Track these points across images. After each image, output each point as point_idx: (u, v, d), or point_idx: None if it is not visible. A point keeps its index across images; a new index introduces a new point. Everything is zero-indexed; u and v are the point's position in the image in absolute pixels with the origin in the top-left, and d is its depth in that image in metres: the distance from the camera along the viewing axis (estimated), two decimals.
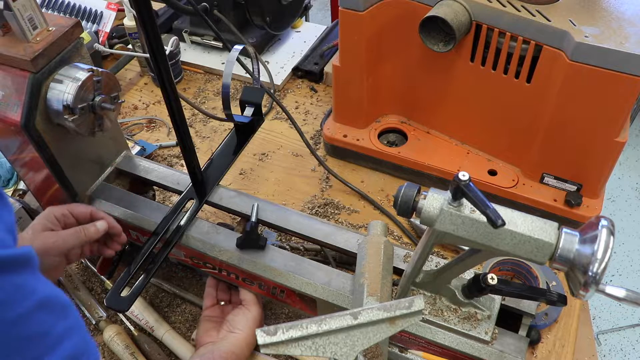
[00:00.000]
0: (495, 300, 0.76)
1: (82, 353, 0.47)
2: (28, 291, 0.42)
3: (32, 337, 0.42)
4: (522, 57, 0.93)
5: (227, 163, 0.97)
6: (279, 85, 1.42)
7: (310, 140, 1.28)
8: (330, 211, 1.13)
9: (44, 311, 0.43)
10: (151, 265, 0.83)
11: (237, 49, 0.88)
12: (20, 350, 0.41)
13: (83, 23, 1.48)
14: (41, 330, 0.43)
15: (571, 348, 0.92)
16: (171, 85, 0.76)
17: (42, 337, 0.43)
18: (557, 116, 0.94)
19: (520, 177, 1.08)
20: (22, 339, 0.42)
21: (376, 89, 1.15)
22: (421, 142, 1.17)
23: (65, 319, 0.46)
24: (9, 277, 0.41)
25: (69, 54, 0.80)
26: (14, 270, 0.41)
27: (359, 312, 0.56)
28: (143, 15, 0.66)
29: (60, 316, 0.45)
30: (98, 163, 0.96)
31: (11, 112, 0.76)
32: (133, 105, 1.40)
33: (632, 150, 2.76)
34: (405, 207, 0.65)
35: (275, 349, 0.53)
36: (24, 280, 0.42)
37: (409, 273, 0.74)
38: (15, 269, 0.41)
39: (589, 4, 0.91)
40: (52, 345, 0.44)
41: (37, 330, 0.43)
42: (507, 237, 0.60)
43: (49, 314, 0.44)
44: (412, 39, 0.99)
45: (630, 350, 2.09)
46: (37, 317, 0.43)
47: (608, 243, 0.55)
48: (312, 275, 0.82)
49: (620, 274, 2.29)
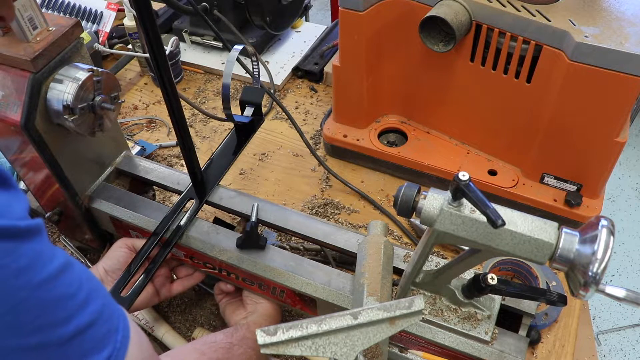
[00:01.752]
0: (495, 300, 0.76)
1: (109, 312, 0.49)
2: (48, 257, 0.44)
3: (60, 299, 0.44)
4: (522, 57, 0.93)
5: (227, 163, 0.97)
6: (279, 85, 1.42)
7: (310, 140, 1.28)
8: (330, 211, 1.13)
9: (67, 274, 0.45)
10: (151, 265, 0.83)
11: (237, 49, 0.88)
12: (50, 312, 0.43)
13: (83, 23, 1.48)
14: (67, 292, 0.45)
15: (571, 348, 0.92)
16: (171, 85, 0.76)
17: (69, 299, 0.45)
18: (557, 116, 0.94)
19: (520, 177, 1.08)
20: (51, 301, 0.43)
21: (376, 89, 1.15)
22: (421, 142, 1.17)
23: (88, 281, 0.48)
24: (28, 244, 0.42)
25: (69, 54, 0.80)
26: (32, 238, 0.43)
27: (359, 312, 0.56)
28: (143, 15, 0.66)
29: (82, 278, 0.47)
30: (98, 163, 0.96)
31: (11, 112, 0.76)
32: (133, 105, 1.40)
33: (632, 150, 2.76)
34: (405, 207, 0.65)
35: (275, 349, 0.53)
36: (42, 247, 0.44)
37: (409, 273, 0.74)
38: (32, 237, 0.43)
39: (589, 4, 0.91)
40: (80, 304, 0.45)
41: (63, 292, 0.45)
42: (507, 237, 0.60)
43: (72, 276, 0.46)
44: (412, 39, 0.99)
45: (630, 350, 2.09)
46: (62, 280, 0.45)
47: (608, 243, 0.55)
48: (312, 275, 0.82)
49: (620, 274, 2.29)
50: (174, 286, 0.92)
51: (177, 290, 0.92)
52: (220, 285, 0.92)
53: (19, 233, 0.42)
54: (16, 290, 0.41)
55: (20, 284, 0.41)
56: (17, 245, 0.42)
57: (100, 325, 0.47)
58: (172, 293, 0.92)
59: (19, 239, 0.42)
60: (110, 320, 0.49)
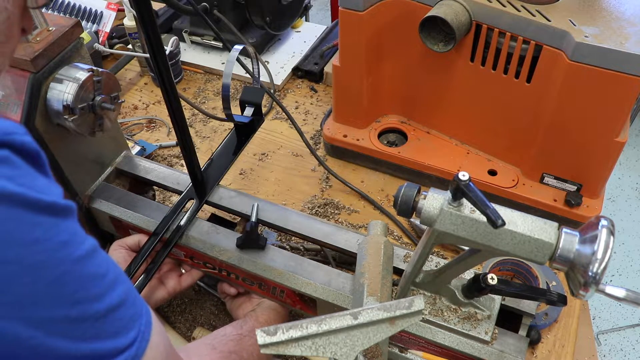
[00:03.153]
0: (495, 300, 0.76)
1: (133, 297, 0.51)
2: (82, 237, 0.46)
3: (94, 277, 0.46)
4: (522, 57, 0.93)
5: (227, 163, 0.97)
6: (279, 85, 1.42)
7: (310, 140, 1.28)
8: (330, 211, 1.13)
9: (97, 256, 0.48)
10: (151, 265, 0.83)
11: (237, 49, 0.88)
12: (87, 287, 0.45)
13: (83, 23, 1.48)
14: (100, 271, 0.47)
15: (571, 348, 0.92)
16: (171, 85, 0.76)
17: (102, 277, 0.47)
18: (557, 116, 0.94)
19: (520, 177, 1.08)
20: (87, 277, 0.46)
21: (376, 89, 1.15)
22: (421, 142, 1.17)
23: (114, 267, 0.50)
24: (66, 222, 0.45)
25: (69, 54, 0.80)
26: (68, 217, 0.45)
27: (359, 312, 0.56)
28: (143, 15, 0.66)
29: (109, 262, 0.50)
30: (98, 163, 0.96)
31: (11, 112, 0.76)
32: (133, 105, 1.40)
33: (632, 150, 2.76)
34: (405, 207, 0.65)
35: (275, 349, 0.53)
36: (77, 227, 0.46)
37: (409, 273, 0.74)
38: (68, 216, 0.45)
39: (589, 4, 0.91)
40: (110, 285, 0.48)
41: (97, 270, 0.47)
42: (507, 237, 0.60)
43: (101, 259, 0.48)
44: (412, 39, 0.99)
45: (630, 350, 2.09)
46: (95, 260, 0.47)
47: (608, 243, 0.55)
48: (312, 275, 0.82)
49: (620, 274, 2.29)
50: (183, 277, 0.93)
51: (186, 282, 0.92)
52: (224, 287, 0.92)
53: (60, 210, 0.44)
54: (59, 263, 0.43)
55: (62, 256, 0.44)
56: (58, 220, 0.44)
57: (128, 308, 0.50)
58: (183, 285, 0.92)
59: (60, 215, 0.44)
60: (135, 305, 0.51)
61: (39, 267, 0.42)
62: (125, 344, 0.48)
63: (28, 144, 0.43)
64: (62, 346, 0.44)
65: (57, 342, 0.43)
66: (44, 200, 0.43)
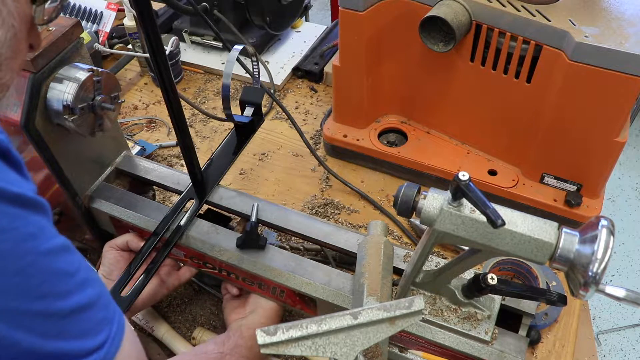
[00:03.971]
0: (495, 300, 0.76)
1: (105, 301, 0.50)
2: (51, 233, 0.46)
3: (62, 274, 0.46)
4: (522, 57, 0.93)
5: (227, 163, 0.97)
6: (279, 85, 1.42)
7: (310, 140, 1.28)
8: (330, 211, 1.13)
9: (68, 254, 0.47)
10: (151, 265, 0.83)
11: (237, 49, 0.88)
12: (53, 282, 0.45)
13: (83, 23, 1.48)
14: (69, 269, 0.47)
15: (571, 348, 0.92)
16: (171, 85, 0.76)
17: (70, 276, 0.47)
18: (557, 116, 0.94)
19: (520, 177, 1.08)
20: (54, 272, 0.45)
21: (376, 89, 1.15)
22: (421, 142, 1.17)
23: (87, 270, 0.49)
24: (36, 215, 0.45)
25: (69, 54, 0.80)
26: (38, 212, 0.45)
27: (359, 312, 0.56)
28: (143, 15, 0.66)
29: (82, 264, 0.49)
30: (98, 163, 0.96)
31: (11, 112, 0.76)
32: (133, 105, 1.40)
33: (632, 150, 2.76)
34: (405, 207, 0.65)
35: (275, 349, 0.53)
36: (46, 223, 0.46)
37: (409, 273, 0.74)
38: (38, 210, 0.45)
39: (589, 4, 0.91)
40: (79, 285, 0.47)
41: (65, 268, 0.47)
42: (507, 237, 0.60)
43: (72, 258, 0.48)
44: (412, 39, 0.99)
45: (630, 350, 2.09)
46: (64, 258, 0.47)
47: (608, 243, 0.55)
48: (312, 275, 0.82)
49: (620, 274, 2.29)
50: (181, 272, 0.93)
51: (185, 276, 0.92)
52: (227, 286, 0.92)
53: (29, 202, 0.44)
54: (25, 253, 0.43)
55: (29, 247, 0.44)
56: (27, 212, 0.44)
57: (98, 311, 0.49)
58: (182, 280, 0.92)
59: (29, 208, 0.44)
60: (107, 310, 0.51)
61: (3, 256, 0.42)
62: (93, 346, 0.48)
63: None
64: (26, 340, 0.43)
65: (21, 336, 0.43)
66: (11, 190, 0.43)
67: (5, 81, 0.50)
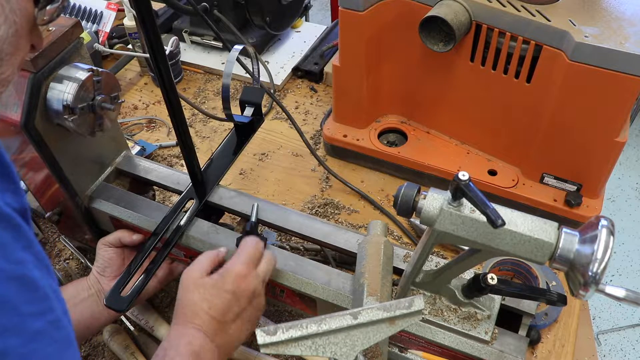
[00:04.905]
0: (495, 300, 0.76)
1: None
2: (10, 251, 0.40)
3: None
4: (522, 57, 0.93)
5: (227, 163, 0.97)
6: (279, 85, 1.42)
7: (310, 140, 1.28)
8: (330, 211, 1.13)
9: (15, 285, 0.40)
10: (151, 265, 0.83)
11: (237, 49, 0.88)
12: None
13: (83, 23, 1.48)
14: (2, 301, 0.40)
15: (571, 348, 0.92)
16: (171, 85, 0.76)
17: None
18: (557, 116, 0.94)
19: (520, 177, 1.08)
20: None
21: (376, 89, 1.15)
22: (421, 142, 1.17)
23: (40, 315, 0.42)
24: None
25: (69, 54, 0.80)
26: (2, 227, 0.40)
27: (359, 312, 0.56)
28: (143, 15, 0.66)
29: (32, 305, 0.42)
30: (98, 163, 0.96)
31: (11, 112, 0.76)
32: (133, 105, 1.40)
33: (632, 150, 2.76)
34: (405, 207, 0.65)
35: (275, 349, 0.53)
36: (8, 241, 0.41)
37: (409, 273, 0.74)
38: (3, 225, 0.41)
39: (589, 4, 0.91)
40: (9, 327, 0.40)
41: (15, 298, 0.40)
42: (507, 237, 0.60)
43: (19, 292, 0.40)
44: (412, 39, 0.99)
45: (630, 350, 2.09)
46: (5, 288, 0.40)
47: (608, 243, 0.55)
48: (312, 275, 0.82)
49: (620, 274, 2.29)
50: (173, 266, 0.93)
51: (178, 270, 0.92)
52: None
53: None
54: None
55: None
56: None
57: None
58: (174, 274, 0.93)
59: None
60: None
61: None
62: None
63: None
64: None
65: None
66: None
67: (7, 77, 0.50)
